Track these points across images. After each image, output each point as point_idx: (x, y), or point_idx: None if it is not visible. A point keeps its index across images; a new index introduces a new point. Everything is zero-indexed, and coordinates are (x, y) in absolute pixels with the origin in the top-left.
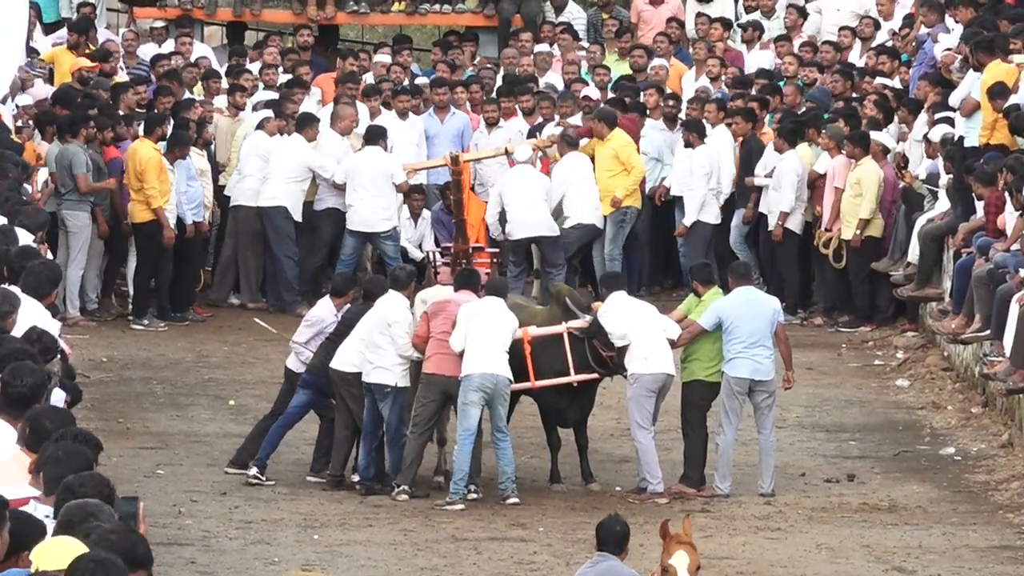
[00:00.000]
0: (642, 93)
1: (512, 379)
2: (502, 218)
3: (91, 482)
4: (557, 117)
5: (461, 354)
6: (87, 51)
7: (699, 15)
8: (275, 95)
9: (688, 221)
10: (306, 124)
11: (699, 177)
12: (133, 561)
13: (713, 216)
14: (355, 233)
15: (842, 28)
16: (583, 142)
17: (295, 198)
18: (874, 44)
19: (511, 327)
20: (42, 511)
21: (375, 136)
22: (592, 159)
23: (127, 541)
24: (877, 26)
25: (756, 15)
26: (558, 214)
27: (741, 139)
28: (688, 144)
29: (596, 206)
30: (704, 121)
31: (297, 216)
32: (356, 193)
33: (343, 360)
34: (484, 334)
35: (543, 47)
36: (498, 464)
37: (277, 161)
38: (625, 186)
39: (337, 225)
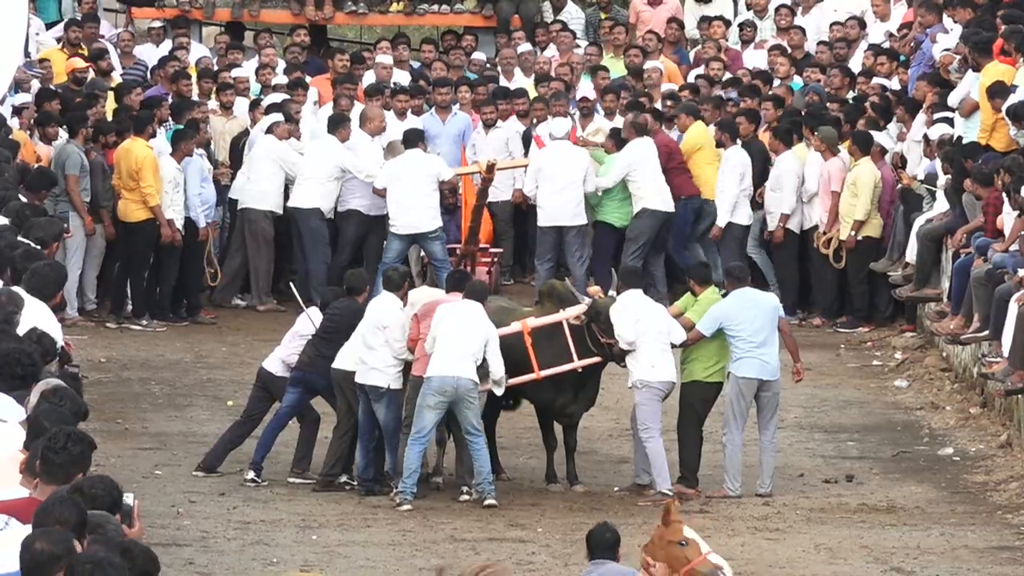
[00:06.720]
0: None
1: (477, 381)
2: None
3: (101, 484)
4: (550, 118)
5: None
6: (80, 51)
7: (703, 19)
8: (276, 96)
9: (721, 222)
10: (339, 124)
11: (730, 177)
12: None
13: (745, 217)
14: (401, 237)
15: (834, 23)
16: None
17: (328, 199)
18: (864, 45)
19: (484, 332)
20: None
21: (414, 139)
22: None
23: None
24: (863, 25)
25: (749, 14)
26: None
27: (743, 140)
28: (720, 144)
29: (666, 193)
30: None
31: (330, 216)
32: (399, 198)
33: (347, 359)
34: (452, 336)
35: (525, 47)
36: (474, 464)
37: (311, 162)
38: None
39: (359, 226)
